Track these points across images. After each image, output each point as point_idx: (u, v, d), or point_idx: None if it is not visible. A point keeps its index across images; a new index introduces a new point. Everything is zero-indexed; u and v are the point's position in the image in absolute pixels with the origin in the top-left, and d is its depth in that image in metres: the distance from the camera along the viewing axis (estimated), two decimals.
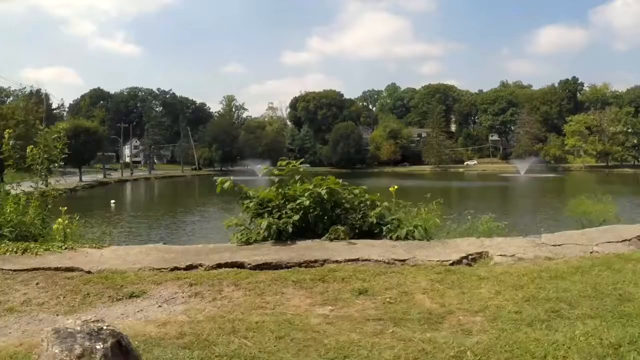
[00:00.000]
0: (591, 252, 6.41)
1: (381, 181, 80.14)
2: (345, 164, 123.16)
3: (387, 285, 5.10)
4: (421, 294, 4.85)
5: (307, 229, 7.60)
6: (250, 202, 7.84)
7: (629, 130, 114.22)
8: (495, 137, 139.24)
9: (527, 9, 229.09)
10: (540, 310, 4.21)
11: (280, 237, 7.34)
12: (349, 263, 6.03)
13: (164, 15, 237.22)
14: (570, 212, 14.38)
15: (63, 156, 8.89)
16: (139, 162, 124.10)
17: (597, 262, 5.77)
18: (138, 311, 4.65)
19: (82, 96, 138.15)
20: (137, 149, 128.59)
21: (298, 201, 7.60)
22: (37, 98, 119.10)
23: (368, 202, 7.91)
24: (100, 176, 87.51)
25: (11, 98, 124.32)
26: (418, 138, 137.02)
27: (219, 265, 6.10)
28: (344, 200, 7.87)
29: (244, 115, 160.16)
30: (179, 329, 4.03)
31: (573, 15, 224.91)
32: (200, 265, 6.14)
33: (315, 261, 6.11)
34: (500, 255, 6.34)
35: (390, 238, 7.34)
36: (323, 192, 7.58)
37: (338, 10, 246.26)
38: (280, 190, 7.91)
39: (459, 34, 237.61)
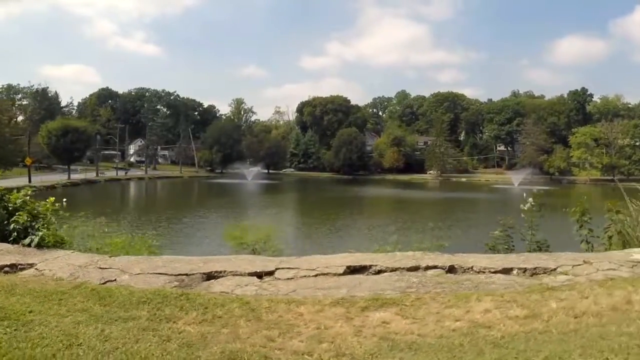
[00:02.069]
0: None
1: (349, 189, 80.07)
2: (348, 170, 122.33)
3: None
4: None
5: None
6: None
7: (637, 144, 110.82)
8: (502, 148, 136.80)
9: (546, 18, 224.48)
10: None
11: None
12: None
13: (184, 16, 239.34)
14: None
15: None
16: (143, 162, 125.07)
17: None
18: None
19: (90, 95, 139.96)
20: (142, 148, 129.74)
21: None
22: (43, 96, 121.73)
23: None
24: (92, 174, 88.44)
25: (19, 95, 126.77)
26: (424, 146, 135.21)
27: None
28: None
29: (253, 119, 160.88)
30: None
31: (593, 26, 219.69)
32: None
33: None
34: None
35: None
36: None
37: (357, 16, 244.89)
38: None
39: (478, 42, 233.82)
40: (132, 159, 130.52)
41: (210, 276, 5.85)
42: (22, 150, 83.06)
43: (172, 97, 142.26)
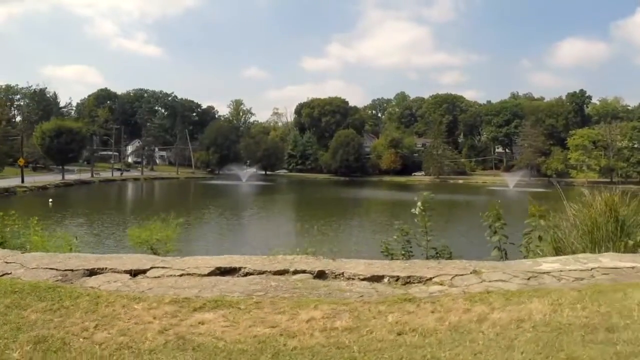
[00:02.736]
0: None
1: (336, 190, 79.74)
2: (345, 171, 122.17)
3: None
4: None
5: None
6: None
7: (635, 146, 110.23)
8: (501, 149, 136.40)
9: (547, 20, 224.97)
10: None
11: None
12: None
13: (185, 17, 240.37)
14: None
15: None
16: (140, 163, 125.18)
17: None
18: None
19: (89, 96, 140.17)
20: (138, 149, 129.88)
21: None
22: (41, 97, 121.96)
23: None
24: (88, 175, 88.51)
25: (18, 96, 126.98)
26: (422, 148, 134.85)
27: None
28: None
29: (251, 120, 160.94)
30: None
31: (594, 28, 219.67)
32: None
33: None
34: None
35: None
36: None
37: (359, 18, 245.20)
38: None
39: (480, 44, 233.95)
40: (130, 160, 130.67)
41: (92, 272, 5.92)
42: (20, 150, 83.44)
43: (169, 98, 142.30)
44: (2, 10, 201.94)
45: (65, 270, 5.94)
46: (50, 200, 47.16)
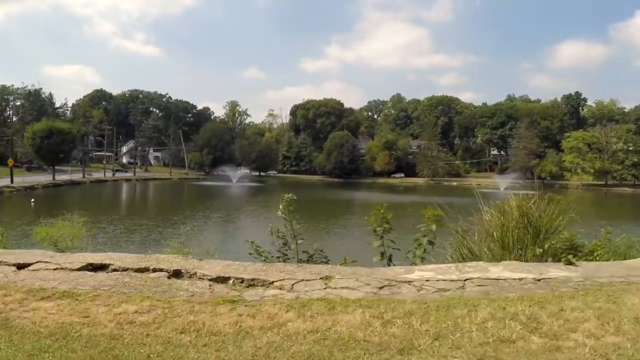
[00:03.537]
0: None
1: (327, 192, 79.24)
2: (339, 173, 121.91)
3: None
4: None
5: None
6: None
7: (630, 148, 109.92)
8: (496, 152, 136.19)
9: (547, 23, 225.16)
10: None
11: None
12: None
13: (184, 17, 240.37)
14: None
15: None
16: (135, 163, 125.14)
17: None
18: None
19: (84, 97, 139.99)
20: (131, 150, 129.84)
21: None
22: (36, 97, 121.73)
23: None
24: (79, 175, 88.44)
25: (13, 97, 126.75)
26: (417, 150, 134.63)
27: None
28: None
29: (247, 121, 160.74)
30: None
31: (593, 30, 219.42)
32: None
33: None
34: None
35: None
36: None
37: (358, 19, 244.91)
38: None
39: (479, 46, 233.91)
40: (124, 160, 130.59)
41: None
42: (14, 150, 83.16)
43: (163, 99, 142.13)
44: (1, 10, 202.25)
45: None
46: (33, 200, 47.04)
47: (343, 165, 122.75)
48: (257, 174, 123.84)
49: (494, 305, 4.51)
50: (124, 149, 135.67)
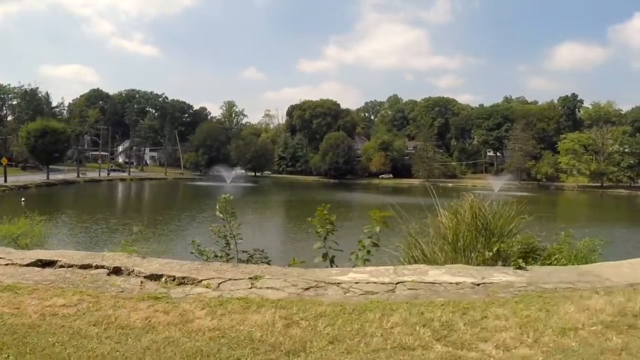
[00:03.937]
0: None
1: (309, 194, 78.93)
2: (334, 174, 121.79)
3: None
4: None
5: None
6: None
7: (626, 150, 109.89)
8: (492, 153, 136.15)
9: (546, 24, 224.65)
10: None
11: None
12: None
13: (183, 18, 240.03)
14: None
15: None
16: (131, 163, 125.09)
17: None
18: None
19: (81, 96, 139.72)
20: (126, 149, 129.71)
21: None
22: (32, 96, 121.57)
23: None
24: (73, 175, 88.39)
25: (10, 95, 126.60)
26: (413, 151, 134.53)
27: None
28: None
29: (244, 122, 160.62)
30: None
31: (592, 32, 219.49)
32: None
33: None
34: None
35: None
36: None
37: (356, 20, 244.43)
38: None
39: (477, 48, 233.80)
40: (120, 160, 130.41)
41: None
42: (9, 150, 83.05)
43: (160, 99, 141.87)
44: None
45: None
46: (23, 199, 46.79)
47: (338, 166, 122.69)
48: (253, 174, 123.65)
49: (413, 310, 4.39)
50: (120, 148, 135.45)
